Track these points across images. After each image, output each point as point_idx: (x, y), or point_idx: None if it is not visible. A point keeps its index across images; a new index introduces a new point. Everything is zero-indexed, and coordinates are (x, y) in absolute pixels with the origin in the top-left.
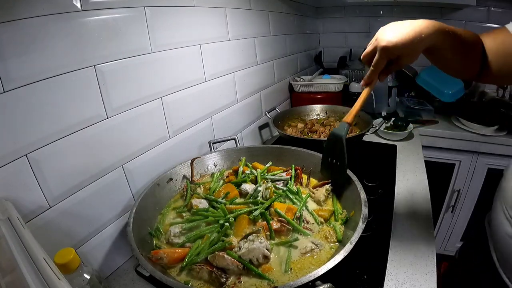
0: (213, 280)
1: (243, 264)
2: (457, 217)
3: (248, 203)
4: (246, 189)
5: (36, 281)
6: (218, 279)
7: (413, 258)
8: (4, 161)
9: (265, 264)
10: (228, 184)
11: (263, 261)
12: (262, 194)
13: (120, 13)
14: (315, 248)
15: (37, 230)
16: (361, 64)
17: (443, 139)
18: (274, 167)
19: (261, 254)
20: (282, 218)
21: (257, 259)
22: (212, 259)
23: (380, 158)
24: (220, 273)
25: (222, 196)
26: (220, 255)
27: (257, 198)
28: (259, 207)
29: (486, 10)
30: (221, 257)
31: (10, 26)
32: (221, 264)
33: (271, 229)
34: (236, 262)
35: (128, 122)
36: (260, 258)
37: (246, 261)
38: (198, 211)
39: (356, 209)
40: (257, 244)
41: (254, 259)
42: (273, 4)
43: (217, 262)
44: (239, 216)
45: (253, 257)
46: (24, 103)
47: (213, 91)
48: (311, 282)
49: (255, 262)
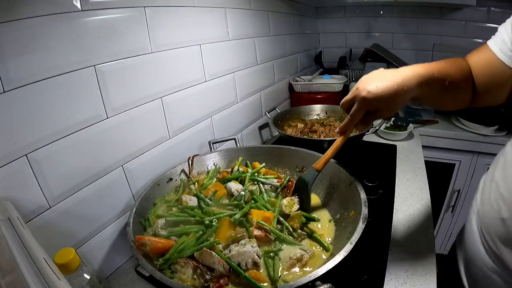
0: (198, 276)
1: (230, 266)
2: (457, 217)
3: (232, 206)
4: (230, 188)
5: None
6: (203, 276)
7: (413, 258)
8: (4, 161)
9: (253, 270)
10: (217, 183)
11: (251, 267)
12: (244, 197)
13: (120, 13)
14: (304, 254)
15: (37, 230)
16: (361, 64)
17: (443, 139)
18: (272, 171)
19: (251, 259)
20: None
21: (246, 264)
22: (198, 255)
23: (380, 158)
24: (206, 270)
25: (210, 194)
26: (207, 252)
27: (240, 201)
28: (238, 212)
29: (486, 10)
30: (209, 254)
31: (10, 26)
32: (208, 262)
33: (251, 236)
34: (223, 262)
35: (128, 122)
36: (249, 263)
37: (235, 264)
38: (184, 208)
39: (356, 209)
40: (249, 248)
41: (243, 263)
42: (273, 4)
43: (204, 258)
44: (222, 219)
45: (242, 261)
46: (24, 103)
47: (213, 91)
48: (311, 282)
49: (243, 267)
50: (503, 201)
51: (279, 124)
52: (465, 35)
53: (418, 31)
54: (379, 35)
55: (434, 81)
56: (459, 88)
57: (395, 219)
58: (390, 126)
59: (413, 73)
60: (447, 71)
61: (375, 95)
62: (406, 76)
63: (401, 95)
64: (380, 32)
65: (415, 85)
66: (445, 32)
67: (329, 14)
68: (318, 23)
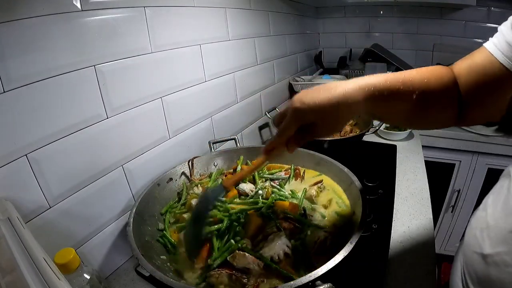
0: (234, 282)
1: (264, 263)
2: (457, 217)
3: (248, 203)
4: (243, 189)
5: (36, 281)
6: (240, 281)
7: (413, 258)
8: (4, 161)
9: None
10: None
11: (283, 258)
12: (262, 195)
13: (120, 13)
14: (328, 236)
15: (37, 230)
16: (361, 64)
17: (443, 139)
18: (274, 165)
19: (282, 250)
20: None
21: (278, 256)
22: (232, 259)
23: (380, 158)
24: (241, 275)
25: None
26: (240, 254)
27: (257, 199)
28: (263, 205)
29: (486, 10)
30: (242, 255)
31: (10, 26)
32: (242, 264)
33: (281, 227)
34: (257, 261)
35: (128, 122)
36: (281, 255)
37: (268, 259)
38: None
39: (356, 209)
40: (278, 242)
41: (275, 256)
42: (273, 4)
43: (238, 262)
44: (250, 215)
45: (274, 254)
46: (24, 103)
47: (213, 91)
48: (311, 282)
49: (276, 260)
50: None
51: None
52: (465, 35)
53: (418, 31)
54: (379, 35)
55: (391, 94)
56: (436, 103)
57: (395, 219)
58: (390, 126)
59: (356, 85)
60: (413, 83)
61: (308, 106)
62: (348, 88)
63: (342, 110)
64: (380, 32)
65: (361, 99)
66: (445, 32)
67: (329, 14)
68: (318, 23)
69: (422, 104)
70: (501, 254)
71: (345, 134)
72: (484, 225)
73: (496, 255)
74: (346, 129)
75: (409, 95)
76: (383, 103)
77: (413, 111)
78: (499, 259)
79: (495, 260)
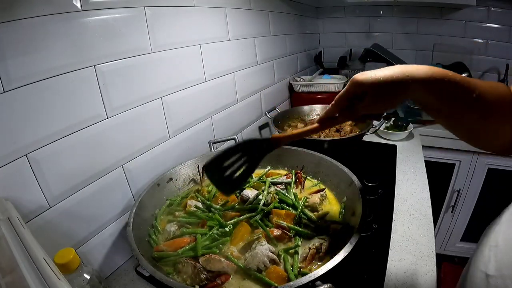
0: (195, 275)
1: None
2: (457, 217)
3: (245, 210)
4: (247, 195)
5: (36, 281)
6: (199, 275)
7: (413, 258)
8: (4, 161)
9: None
10: None
11: (270, 265)
12: (264, 200)
13: (120, 13)
14: (323, 242)
15: (37, 230)
16: (361, 64)
17: (443, 139)
18: (273, 172)
19: (266, 257)
20: (283, 225)
21: (264, 264)
22: (205, 263)
23: (380, 158)
24: (202, 269)
25: (219, 203)
26: (215, 259)
27: (257, 205)
28: (258, 212)
29: (486, 10)
30: (217, 260)
31: (10, 26)
32: (216, 268)
33: (270, 236)
34: (232, 265)
35: (128, 122)
36: (266, 262)
37: (254, 269)
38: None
39: (356, 209)
40: (259, 248)
41: (260, 264)
42: (273, 4)
43: (211, 266)
44: (238, 223)
45: (259, 263)
46: (24, 103)
47: (213, 91)
48: (311, 282)
49: (262, 268)
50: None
51: (279, 124)
52: (465, 35)
53: (418, 31)
54: (379, 35)
55: (451, 85)
56: (493, 112)
57: (395, 219)
58: (390, 126)
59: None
60: (475, 83)
61: (367, 78)
62: (412, 67)
63: (400, 85)
64: (380, 32)
65: (421, 79)
66: (445, 32)
67: (329, 14)
68: (318, 23)
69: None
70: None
71: (345, 134)
72: (493, 243)
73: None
74: (346, 129)
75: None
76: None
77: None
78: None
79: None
